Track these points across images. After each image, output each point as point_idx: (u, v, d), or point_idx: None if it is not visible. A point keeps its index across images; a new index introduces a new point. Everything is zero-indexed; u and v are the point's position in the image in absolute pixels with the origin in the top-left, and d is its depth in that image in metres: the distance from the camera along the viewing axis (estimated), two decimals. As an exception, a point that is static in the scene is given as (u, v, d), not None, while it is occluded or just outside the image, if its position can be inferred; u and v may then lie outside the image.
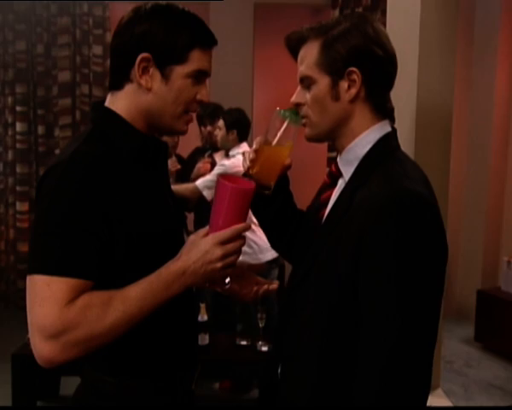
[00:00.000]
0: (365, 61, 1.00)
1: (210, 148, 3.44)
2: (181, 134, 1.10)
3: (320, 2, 4.60)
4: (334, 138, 1.07)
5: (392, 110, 1.07)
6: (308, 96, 1.04)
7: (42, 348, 0.89)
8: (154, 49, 1.00)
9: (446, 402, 2.95)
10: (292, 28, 1.09)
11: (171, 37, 1.00)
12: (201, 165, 3.33)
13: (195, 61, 1.02)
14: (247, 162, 1.09)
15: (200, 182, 3.09)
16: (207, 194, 3.07)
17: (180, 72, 1.02)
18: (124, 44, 1.02)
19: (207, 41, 1.06)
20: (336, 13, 4.24)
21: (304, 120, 1.06)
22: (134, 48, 1.00)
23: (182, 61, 1.01)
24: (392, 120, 1.07)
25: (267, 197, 1.13)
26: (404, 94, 1.09)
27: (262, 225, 1.26)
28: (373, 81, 1.01)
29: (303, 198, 1.41)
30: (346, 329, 0.95)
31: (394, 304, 0.88)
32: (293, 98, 1.06)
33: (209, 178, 3.09)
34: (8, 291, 4.60)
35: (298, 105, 1.06)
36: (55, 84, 4.45)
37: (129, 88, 1.03)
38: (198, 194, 3.08)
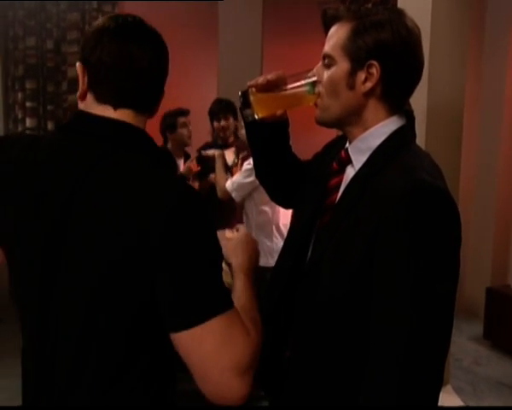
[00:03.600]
0: (388, 59, 0.98)
1: (222, 144, 3.41)
2: None
3: (329, -2, 4.57)
4: (343, 126, 1.07)
5: (410, 112, 1.06)
6: (325, 75, 1.03)
7: (240, 387, 0.84)
8: None
9: (456, 399, 2.95)
10: (300, 23, 1.09)
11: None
12: (191, 164, 3.30)
13: None
14: (254, 81, 1.12)
15: (229, 184, 3.03)
16: (236, 196, 3.01)
17: None
18: (163, 70, 1.00)
19: None
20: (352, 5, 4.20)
21: (316, 101, 1.06)
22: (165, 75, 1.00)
23: None
24: (410, 119, 1.06)
25: (264, 127, 1.17)
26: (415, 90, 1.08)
27: (253, 152, 1.29)
28: (392, 81, 1.00)
29: None
30: (357, 320, 0.95)
31: (409, 295, 0.88)
32: (312, 72, 1.07)
33: (237, 179, 3.03)
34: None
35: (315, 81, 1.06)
36: (64, 80, 4.46)
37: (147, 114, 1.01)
38: (227, 196, 3.03)
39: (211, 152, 3.21)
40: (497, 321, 3.81)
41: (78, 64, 0.97)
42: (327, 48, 1.04)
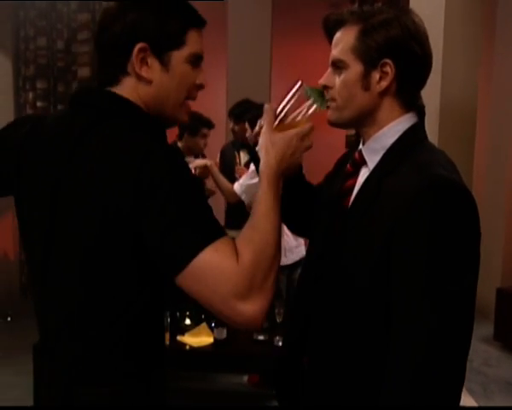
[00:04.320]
0: (401, 55, 0.98)
1: (239, 144, 3.46)
2: (183, 123, 1.08)
3: (339, -3, 4.56)
4: (357, 126, 1.06)
5: (422, 107, 1.06)
6: (338, 80, 1.02)
7: (248, 309, 0.86)
8: (150, 37, 0.96)
9: (469, 399, 2.93)
10: (310, 24, 1.08)
11: (164, 21, 0.97)
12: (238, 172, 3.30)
13: (192, 43, 0.99)
14: (257, 128, 1.06)
15: (237, 187, 3.03)
16: (246, 198, 3.02)
17: (179, 56, 0.98)
18: (116, 37, 0.96)
19: (200, 21, 1.02)
20: (355, 8, 4.20)
21: (329, 103, 1.05)
22: (128, 39, 0.95)
23: (179, 44, 0.98)
24: (422, 116, 1.06)
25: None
26: (428, 88, 1.07)
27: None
28: (405, 77, 1.00)
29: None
30: (376, 318, 0.95)
31: (430, 291, 0.87)
32: (322, 80, 1.05)
33: (245, 181, 3.04)
34: (28, 283, 4.68)
35: (325, 87, 1.05)
36: (74, 80, 4.49)
37: (127, 81, 0.98)
38: (237, 198, 3.04)
39: (201, 163, 3.16)
40: (507, 322, 3.78)
41: None
42: (336, 53, 1.03)
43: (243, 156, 3.41)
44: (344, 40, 1.02)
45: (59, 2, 4.41)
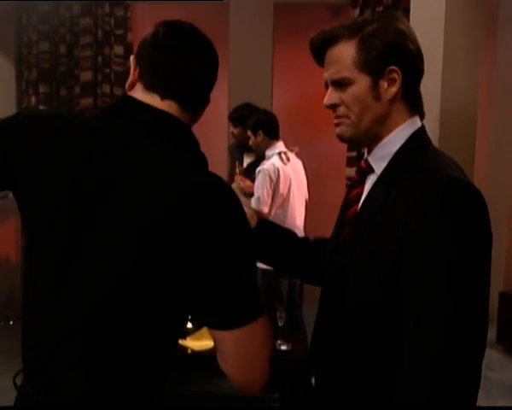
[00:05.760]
0: (402, 58, 0.99)
1: (241, 147, 3.50)
2: None
3: (340, 2, 4.57)
4: (371, 138, 1.04)
5: (421, 105, 1.06)
6: (344, 96, 1.01)
7: (268, 372, 0.96)
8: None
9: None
10: (312, 28, 1.07)
11: None
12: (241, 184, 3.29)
13: None
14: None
15: (254, 204, 3.00)
16: (265, 208, 3.02)
17: None
18: (210, 78, 1.04)
19: None
20: (356, 12, 4.20)
21: (336, 121, 1.04)
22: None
23: None
24: (422, 116, 1.06)
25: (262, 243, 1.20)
26: (428, 93, 1.08)
27: (282, 269, 1.33)
28: (409, 78, 1.01)
29: (323, 198, 1.40)
30: (388, 323, 0.94)
31: (444, 291, 0.86)
32: (327, 100, 1.04)
33: (256, 195, 3.04)
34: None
35: (332, 107, 1.04)
36: (77, 84, 4.51)
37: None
38: (259, 215, 3.05)
39: None
40: (510, 326, 3.77)
41: (131, 57, 1.04)
42: (337, 71, 1.01)
43: (246, 158, 3.45)
44: (343, 56, 1.00)
45: (62, 6, 4.43)
